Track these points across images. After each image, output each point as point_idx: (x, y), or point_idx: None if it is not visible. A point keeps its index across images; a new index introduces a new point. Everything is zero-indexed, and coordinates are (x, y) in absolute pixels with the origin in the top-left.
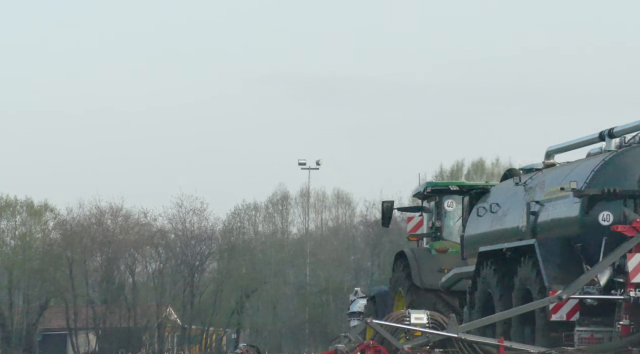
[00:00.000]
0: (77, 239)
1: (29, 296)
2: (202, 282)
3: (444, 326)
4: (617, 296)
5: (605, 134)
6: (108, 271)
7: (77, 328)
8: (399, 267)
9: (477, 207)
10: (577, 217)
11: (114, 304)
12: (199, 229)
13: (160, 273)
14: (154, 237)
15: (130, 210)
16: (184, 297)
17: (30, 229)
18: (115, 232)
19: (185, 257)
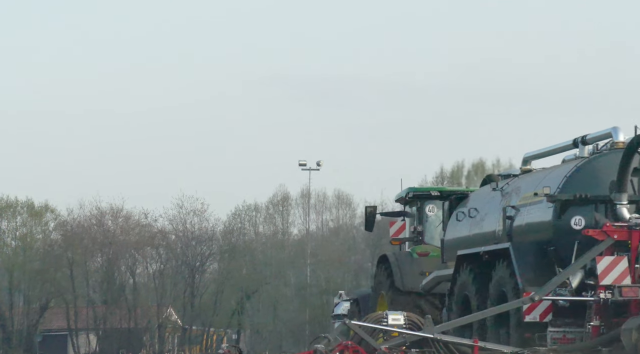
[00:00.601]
0: (77, 240)
1: (29, 297)
2: (202, 283)
3: (421, 326)
4: (587, 297)
5: (579, 141)
6: (109, 271)
7: (77, 329)
8: (381, 270)
9: (457, 212)
10: (550, 221)
11: (114, 304)
12: (200, 230)
13: (161, 274)
14: (155, 238)
15: (131, 211)
16: (184, 298)
17: (30, 230)
18: (115, 233)
19: (186, 258)
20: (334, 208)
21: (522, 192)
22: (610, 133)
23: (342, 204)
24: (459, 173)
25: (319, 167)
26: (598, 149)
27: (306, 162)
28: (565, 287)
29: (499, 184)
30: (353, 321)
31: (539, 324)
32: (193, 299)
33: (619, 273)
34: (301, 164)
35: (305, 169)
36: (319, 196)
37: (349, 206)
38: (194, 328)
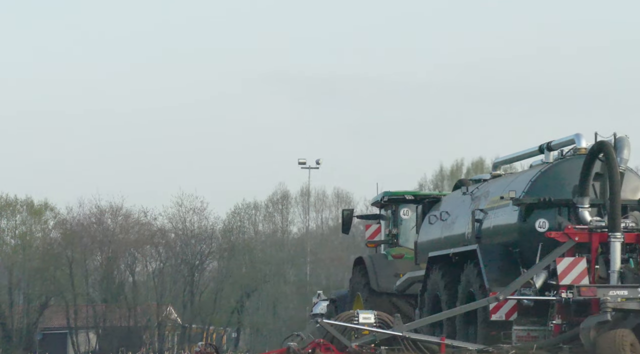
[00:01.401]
0: (77, 238)
1: (29, 295)
2: (202, 281)
3: (390, 325)
4: (550, 297)
5: (545, 147)
6: (108, 270)
7: (77, 327)
8: (357, 272)
9: (429, 216)
10: (515, 224)
11: (114, 303)
12: (199, 228)
13: (161, 272)
14: (154, 236)
15: (131, 209)
16: (184, 296)
17: (30, 228)
18: (115, 232)
19: (186, 257)
20: (334, 206)
21: (491, 196)
22: (573, 140)
23: (341, 203)
24: (458, 172)
25: (318, 165)
26: (563, 155)
27: (306, 161)
28: (530, 287)
29: (469, 188)
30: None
31: (505, 323)
32: (193, 297)
33: (578, 273)
34: (301, 162)
35: (305, 168)
36: (318, 195)
37: (349, 204)
38: (193, 327)
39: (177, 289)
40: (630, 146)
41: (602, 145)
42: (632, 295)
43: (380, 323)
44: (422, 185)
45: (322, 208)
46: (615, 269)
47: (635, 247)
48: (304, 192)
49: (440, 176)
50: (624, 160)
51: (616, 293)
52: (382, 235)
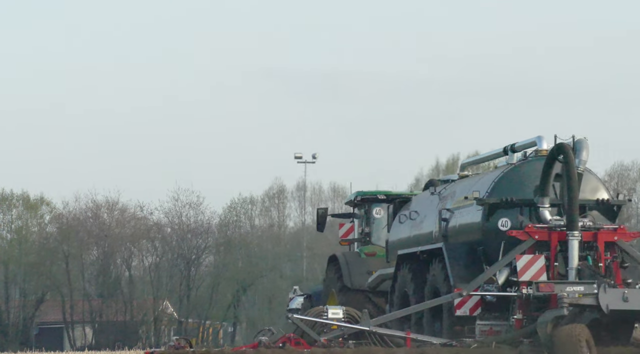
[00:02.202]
0: (73, 232)
1: (25, 290)
2: (198, 276)
3: (358, 320)
4: (511, 293)
5: (509, 149)
6: (104, 264)
7: (73, 322)
8: (331, 269)
9: (400, 215)
10: (479, 223)
11: (110, 298)
12: (196, 223)
13: (157, 267)
14: (150, 231)
15: (127, 204)
16: (180, 291)
17: (26, 222)
18: (111, 226)
19: (182, 251)
20: (330, 201)
21: (457, 196)
22: (535, 142)
23: (337, 197)
24: (454, 166)
25: (314, 160)
26: (526, 157)
27: (302, 155)
28: (493, 283)
29: (437, 188)
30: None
31: (469, 318)
32: (189, 292)
33: (536, 270)
34: (297, 157)
35: (301, 162)
36: (314, 189)
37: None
38: (189, 321)
39: (173, 283)
40: (589, 148)
41: (560, 147)
42: (588, 291)
43: (348, 318)
44: (418, 179)
45: (318, 203)
46: (573, 266)
47: (592, 245)
48: (300, 186)
49: (436, 170)
50: (583, 161)
51: (573, 289)
52: (356, 233)
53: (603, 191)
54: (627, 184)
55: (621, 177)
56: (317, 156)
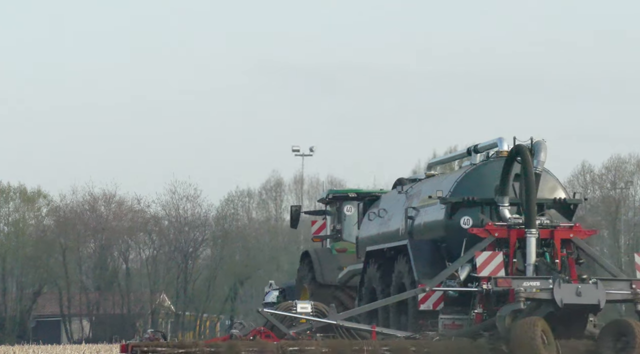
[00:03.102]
0: (70, 225)
1: (22, 283)
2: (195, 269)
3: (326, 314)
4: (472, 288)
5: (472, 150)
6: (101, 257)
7: (70, 315)
8: (304, 265)
9: (369, 213)
10: (442, 221)
11: (107, 290)
12: (193, 215)
13: (154, 260)
14: (148, 223)
15: (124, 196)
16: (177, 284)
17: (23, 215)
18: (108, 219)
19: (179, 244)
20: None
21: (422, 195)
22: (496, 143)
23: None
24: None
25: (312, 153)
26: (487, 157)
27: (299, 148)
28: (455, 279)
29: (404, 187)
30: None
31: (433, 312)
32: (186, 285)
33: (495, 266)
34: (294, 150)
35: (299, 155)
36: (312, 182)
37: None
38: (187, 314)
39: (170, 276)
40: (547, 149)
41: (519, 149)
42: (544, 286)
43: (316, 312)
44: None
45: (315, 195)
46: (531, 263)
47: (549, 243)
48: (298, 179)
49: None
50: (541, 162)
51: (529, 284)
52: (328, 230)
53: (560, 191)
54: (624, 176)
55: (618, 170)
56: (315, 149)
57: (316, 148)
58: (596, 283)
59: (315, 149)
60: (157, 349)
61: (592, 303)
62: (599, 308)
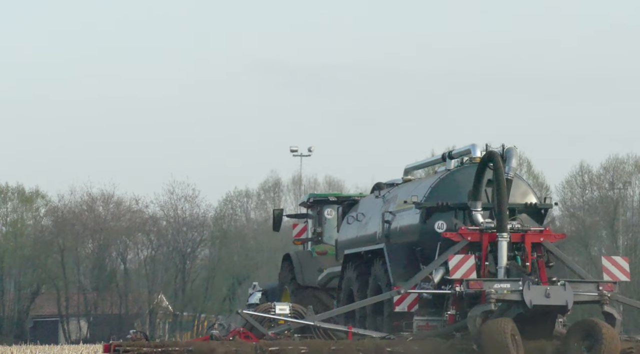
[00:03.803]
0: (68, 225)
1: (20, 283)
2: (193, 269)
3: (303, 315)
4: (446, 290)
5: (447, 156)
6: (99, 257)
7: (68, 315)
8: (285, 267)
9: (348, 216)
10: (417, 225)
11: (105, 291)
12: (191, 216)
13: (152, 260)
14: (146, 224)
15: (122, 197)
16: (175, 284)
17: (21, 215)
18: (106, 219)
19: (177, 244)
20: None
21: (399, 200)
22: (470, 149)
23: (333, 190)
24: None
25: (310, 153)
26: (461, 163)
27: (297, 148)
28: (429, 282)
29: (381, 192)
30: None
31: (408, 314)
32: (184, 285)
33: (467, 269)
34: (292, 150)
35: (297, 155)
36: (310, 182)
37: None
38: (185, 314)
39: (168, 277)
40: (518, 155)
41: (490, 155)
42: (514, 288)
43: (294, 313)
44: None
45: None
46: (502, 265)
47: (521, 246)
48: (296, 179)
49: None
50: (513, 168)
51: (500, 286)
52: (309, 233)
53: (532, 196)
54: (623, 176)
55: (616, 170)
56: (313, 149)
57: (314, 148)
58: (564, 284)
59: (314, 149)
60: (139, 349)
61: (560, 304)
62: (566, 309)
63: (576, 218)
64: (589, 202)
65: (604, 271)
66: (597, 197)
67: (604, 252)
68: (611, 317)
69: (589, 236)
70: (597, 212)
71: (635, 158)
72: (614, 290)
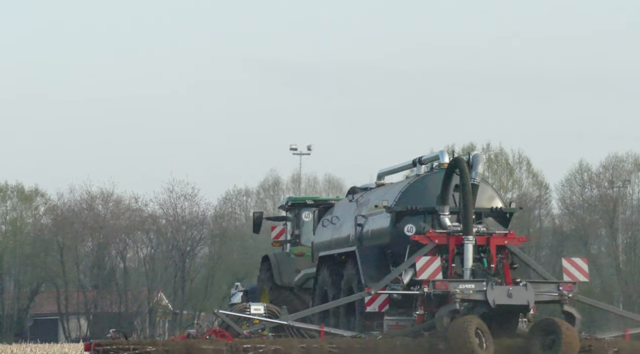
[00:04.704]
0: (68, 224)
1: (20, 281)
2: (193, 267)
3: (278, 315)
4: (414, 291)
5: (417, 161)
6: (99, 256)
7: (68, 313)
8: (264, 268)
9: (323, 219)
10: (387, 228)
11: (105, 289)
12: (190, 214)
13: (152, 258)
14: (145, 222)
15: (121, 195)
16: (175, 282)
17: (21, 214)
18: (106, 218)
19: (177, 243)
20: (325, 192)
21: (371, 204)
22: (438, 156)
23: (332, 189)
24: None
25: (309, 151)
26: (431, 169)
27: (297, 147)
28: (399, 283)
29: (355, 196)
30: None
31: (378, 314)
32: (183, 283)
33: (433, 270)
34: (292, 148)
35: (296, 154)
36: (309, 181)
37: (340, 191)
38: (184, 313)
39: (168, 275)
40: (484, 161)
41: (457, 161)
42: (478, 288)
43: (269, 313)
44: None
45: (313, 194)
46: (468, 267)
47: (486, 249)
48: (295, 178)
49: None
50: (479, 174)
51: (465, 287)
52: (287, 235)
53: (498, 200)
54: (622, 175)
55: (616, 169)
56: (312, 148)
57: (314, 147)
58: (526, 285)
59: (313, 147)
60: (118, 347)
61: (522, 303)
62: (528, 308)
63: (576, 216)
64: (589, 200)
65: (564, 272)
66: (597, 196)
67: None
68: (571, 316)
69: (588, 234)
70: (597, 211)
71: (635, 157)
72: (573, 290)
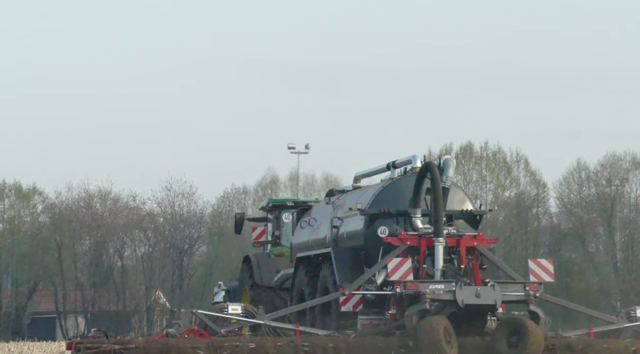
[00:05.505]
0: (65, 222)
1: (17, 280)
2: (191, 266)
3: (255, 315)
4: (387, 291)
5: (391, 165)
6: (97, 254)
7: (66, 312)
8: (245, 268)
9: (301, 221)
10: (361, 230)
11: (102, 287)
12: (188, 212)
13: (149, 257)
14: (143, 220)
15: (119, 193)
16: (173, 281)
17: (18, 212)
18: (104, 216)
19: (174, 241)
20: (322, 191)
21: (346, 206)
22: (411, 160)
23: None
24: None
25: (307, 150)
26: (405, 172)
27: (295, 146)
28: (372, 283)
29: (332, 198)
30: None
31: (353, 313)
32: (181, 282)
33: (404, 271)
34: (290, 147)
35: (294, 153)
36: (307, 179)
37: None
38: (182, 311)
39: (165, 273)
40: (455, 165)
41: (427, 165)
42: (448, 288)
43: (246, 313)
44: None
45: (311, 193)
46: (439, 268)
47: (456, 250)
48: (293, 177)
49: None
50: (449, 177)
51: (435, 287)
52: (268, 236)
53: (468, 203)
54: (620, 173)
55: (613, 167)
56: (310, 147)
57: (312, 145)
58: (493, 285)
59: (311, 146)
60: (99, 346)
61: (490, 303)
62: (495, 307)
63: (573, 215)
64: (586, 199)
65: (531, 273)
66: (595, 194)
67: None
68: (536, 315)
69: (586, 232)
70: (595, 209)
71: (633, 155)
72: (539, 290)
